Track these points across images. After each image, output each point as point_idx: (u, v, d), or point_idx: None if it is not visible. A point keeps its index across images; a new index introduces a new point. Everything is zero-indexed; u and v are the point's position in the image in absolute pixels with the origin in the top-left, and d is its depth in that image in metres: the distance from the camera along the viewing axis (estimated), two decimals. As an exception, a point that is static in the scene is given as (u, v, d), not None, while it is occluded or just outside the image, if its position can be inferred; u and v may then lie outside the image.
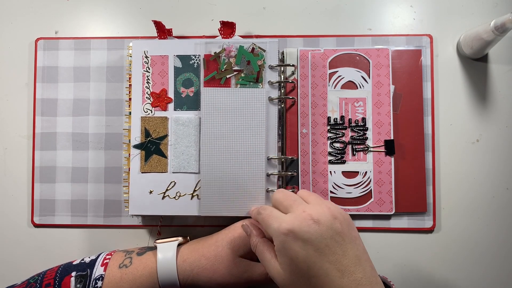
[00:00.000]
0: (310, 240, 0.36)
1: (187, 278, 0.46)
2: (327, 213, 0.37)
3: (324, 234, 0.36)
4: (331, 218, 0.37)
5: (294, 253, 0.36)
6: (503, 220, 0.55)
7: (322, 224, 0.36)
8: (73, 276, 0.45)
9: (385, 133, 0.54)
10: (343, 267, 0.35)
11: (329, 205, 0.39)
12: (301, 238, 0.36)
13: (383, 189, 0.53)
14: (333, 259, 0.36)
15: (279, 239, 0.37)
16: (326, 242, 0.36)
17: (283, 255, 0.37)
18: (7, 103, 0.57)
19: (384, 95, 0.54)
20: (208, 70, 0.52)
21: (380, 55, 0.54)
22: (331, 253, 0.36)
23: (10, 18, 0.58)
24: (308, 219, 0.37)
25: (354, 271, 0.35)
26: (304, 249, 0.36)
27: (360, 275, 0.35)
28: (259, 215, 0.41)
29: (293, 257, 0.36)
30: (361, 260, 0.36)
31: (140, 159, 0.52)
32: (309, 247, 0.36)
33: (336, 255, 0.36)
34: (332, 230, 0.36)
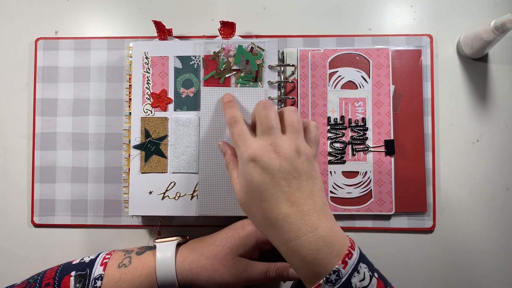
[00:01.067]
0: (268, 169, 0.38)
1: (186, 277, 0.46)
2: (292, 150, 0.39)
3: (283, 168, 0.38)
4: (295, 155, 0.39)
5: (251, 177, 0.39)
6: (503, 220, 0.55)
7: (283, 159, 0.39)
8: (72, 275, 0.45)
9: (385, 133, 0.54)
10: (294, 198, 0.38)
11: (299, 142, 0.40)
12: (261, 166, 0.39)
13: (383, 189, 0.53)
14: (286, 190, 0.38)
15: (242, 161, 0.40)
16: (282, 175, 0.38)
17: (242, 175, 0.40)
18: (7, 103, 0.57)
19: (384, 95, 0.54)
20: (207, 70, 0.52)
21: (380, 55, 0.54)
22: (285, 184, 0.38)
23: (10, 18, 0.58)
24: (271, 152, 0.39)
25: (304, 203, 0.38)
26: (261, 175, 0.38)
27: (308, 207, 0.38)
28: (230, 128, 0.44)
29: (249, 180, 0.39)
30: (314, 195, 0.39)
31: (140, 160, 0.52)
32: (266, 175, 0.38)
33: (290, 187, 0.38)
34: (292, 166, 0.39)
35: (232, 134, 0.43)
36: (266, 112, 0.42)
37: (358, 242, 0.55)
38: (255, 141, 0.41)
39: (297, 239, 0.37)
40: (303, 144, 0.41)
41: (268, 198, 0.38)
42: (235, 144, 0.42)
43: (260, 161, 0.39)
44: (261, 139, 0.41)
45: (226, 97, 0.48)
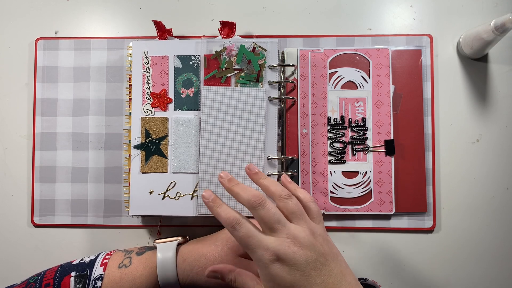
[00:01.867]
0: (296, 265, 0.36)
1: (186, 277, 0.46)
2: (309, 235, 0.38)
3: (309, 258, 0.37)
4: (313, 239, 0.38)
5: (280, 279, 0.36)
6: (503, 220, 0.55)
7: (306, 249, 0.37)
8: (72, 276, 0.45)
9: (385, 133, 0.54)
10: (329, 286, 0.36)
11: (309, 224, 0.39)
12: (288, 264, 0.36)
13: (383, 189, 0.53)
14: (319, 281, 0.36)
15: (264, 266, 0.37)
16: (311, 266, 0.37)
17: (269, 280, 0.37)
18: (7, 103, 0.57)
19: (384, 95, 0.54)
20: (208, 69, 0.52)
21: (380, 55, 0.54)
22: (317, 275, 0.36)
23: (10, 18, 0.58)
24: (292, 246, 0.37)
25: (340, 287, 0.36)
26: (291, 274, 0.36)
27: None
28: (234, 231, 0.39)
29: (280, 282, 0.37)
30: (345, 275, 0.37)
31: (140, 160, 0.52)
32: (296, 272, 0.36)
33: (322, 276, 0.36)
34: (316, 253, 0.37)
35: (239, 238, 0.39)
36: (264, 209, 0.39)
37: (358, 242, 0.55)
38: (269, 239, 0.38)
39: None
40: (312, 225, 0.39)
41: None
42: (245, 247, 0.39)
43: (285, 259, 0.36)
44: (274, 236, 0.38)
45: (206, 195, 0.42)
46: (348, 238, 0.55)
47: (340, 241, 0.55)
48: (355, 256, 0.55)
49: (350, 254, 0.55)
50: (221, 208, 0.41)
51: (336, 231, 0.55)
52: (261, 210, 0.39)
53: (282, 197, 0.41)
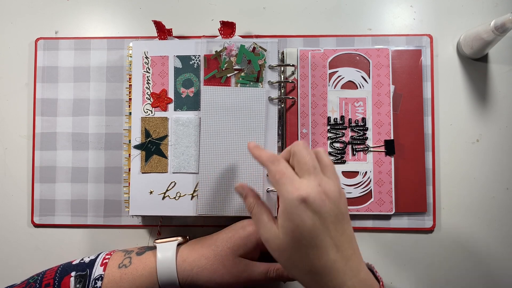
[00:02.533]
0: (320, 213, 0.37)
1: (186, 277, 0.46)
2: (337, 192, 0.38)
3: (332, 211, 0.37)
4: (339, 197, 0.38)
5: (301, 221, 0.37)
6: (503, 220, 0.55)
7: (332, 202, 0.37)
8: (72, 276, 0.45)
9: (385, 133, 0.54)
10: (339, 243, 0.37)
11: (338, 182, 0.40)
12: (313, 209, 0.37)
13: (383, 189, 0.53)
14: (334, 235, 0.37)
15: (289, 203, 0.37)
16: (332, 219, 0.37)
17: (288, 219, 0.37)
18: (7, 103, 0.57)
19: (384, 95, 0.54)
20: (208, 69, 0.52)
21: (380, 55, 0.54)
22: (334, 229, 0.37)
23: (10, 18, 0.58)
24: (322, 194, 0.37)
25: (347, 248, 0.37)
26: (313, 219, 0.37)
27: (351, 251, 0.38)
28: (271, 165, 0.40)
29: (299, 224, 0.37)
30: (352, 239, 0.39)
31: (140, 160, 0.52)
32: (317, 219, 0.37)
33: (336, 231, 0.37)
34: (338, 209, 0.38)
35: (273, 173, 0.39)
36: (306, 151, 0.40)
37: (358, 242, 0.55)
38: (302, 182, 0.38)
39: (343, 285, 0.36)
40: (340, 186, 0.40)
41: (318, 245, 0.36)
42: (276, 183, 0.39)
43: (313, 204, 0.36)
44: (307, 180, 0.38)
45: (252, 144, 0.44)
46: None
47: (340, 241, 0.55)
48: (355, 256, 0.55)
49: (350, 254, 0.55)
50: (263, 150, 0.43)
51: (336, 231, 0.55)
52: (302, 151, 0.40)
53: (324, 151, 0.42)
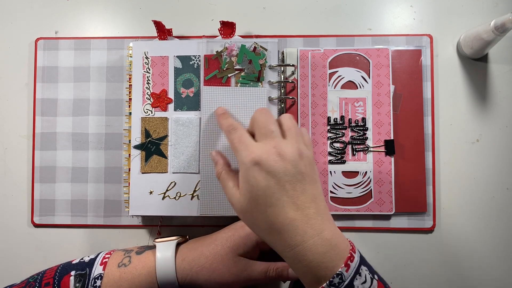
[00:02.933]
0: (273, 173, 0.38)
1: (185, 276, 0.46)
2: (295, 153, 0.39)
3: (288, 171, 0.38)
4: (298, 158, 0.39)
5: (255, 182, 0.38)
6: (503, 220, 0.55)
7: (288, 162, 0.38)
8: (72, 275, 0.45)
9: (385, 133, 0.54)
10: (299, 202, 0.38)
11: (300, 145, 0.40)
12: (266, 170, 0.38)
13: (383, 189, 0.53)
14: (291, 194, 0.38)
15: (244, 166, 0.39)
16: (288, 178, 0.38)
17: (245, 181, 0.39)
18: (7, 103, 0.57)
19: (384, 95, 0.54)
20: (209, 69, 0.52)
21: (380, 55, 0.54)
22: (291, 188, 0.38)
23: (10, 18, 0.58)
24: (275, 155, 0.38)
25: (308, 207, 0.38)
26: (266, 179, 0.38)
27: (313, 210, 0.38)
28: (229, 134, 0.42)
29: (254, 185, 0.38)
30: (317, 199, 0.39)
31: (140, 160, 0.52)
32: (271, 179, 0.38)
33: (295, 191, 0.38)
34: (296, 169, 0.38)
35: (231, 141, 0.42)
36: (265, 116, 0.41)
37: (358, 242, 0.55)
38: (257, 145, 0.40)
39: (303, 243, 0.36)
40: (304, 147, 0.40)
41: (274, 203, 0.37)
42: (235, 150, 0.41)
43: (265, 165, 0.38)
44: (263, 143, 0.40)
45: (220, 110, 0.48)
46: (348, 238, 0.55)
47: (340, 241, 0.55)
48: (355, 256, 0.55)
49: (350, 254, 0.55)
50: (226, 119, 0.45)
51: (336, 231, 0.55)
52: (260, 116, 0.42)
53: (288, 116, 0.43)
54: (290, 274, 0.47)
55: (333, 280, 0.36)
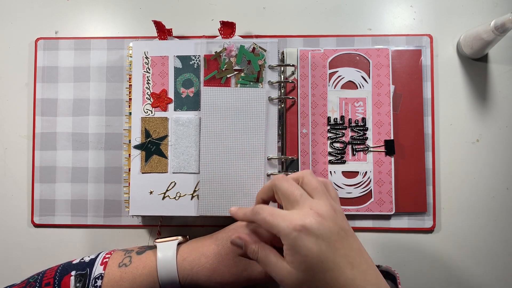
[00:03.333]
0: (322, 235, 0.36)
1: (186, 277, 0.46)
2: (331, 210, 0.38)
3: (333, 229, 0.37)
4: (334, 214, 0.38)
5: (307, 250, 0.36)
6: (503, 220, 0.55)
7: (329, 221, 0.37)
8: (72, 275, 0.45)
9: (385, 133, 0.54)
10: (351, 259, 0.37)
11: (330, 201, 0.40)
12: (314, 234, 0.36)
13: (383, 189, 0.53)
14: (343, 253, 0.37)
15: (291, 237, 0.37)
16: (335, 237, 0.37)
17: (294, 253, 0.37)
18: (7, 103, 0.57)
19: (384, 95, 0.54)
20: (208, 70, 0.52)
21: (380, 55, 0.54)
22: (341, 247, 0.37)
23: (10, 18, 0.58)
24: (315, 216, 0.37)
25: (360, 262, 0.37)
26: (317, 244, 0.36)
27: (365, 266, 0.37)
28: (257, 215, 0.40)
29: (307, 254, 0.36)
30: (362, 252, 0.38)
31: (140, 160, 0.52)
32: (322, 243, 0.36)
33: (344, 249, 0.37)
34: (338, 226, 0.37)
35: (263, 220, 0.39)
36: (288, 183, 0.40)
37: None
38: (293, 213, 0.38)
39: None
40: (333, 202, 0.40)
41: (332, 267, 0.36)
42: (270, 227, 0.39)
43: (311, 228, 0.36)
44: (297, 209, 0.38)
45: (232, 210, 0.45)
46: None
47: (340, 241, 0.55)
48: (355, 256, 0.55)
49: (350, 254, 0.55)
50: (242, 211, 0.43)
51: (336, 231, 0.55)
52: (284, 184, 0.40)
53: (309, 173, 0.42)
54: None
55: None
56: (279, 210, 0.39)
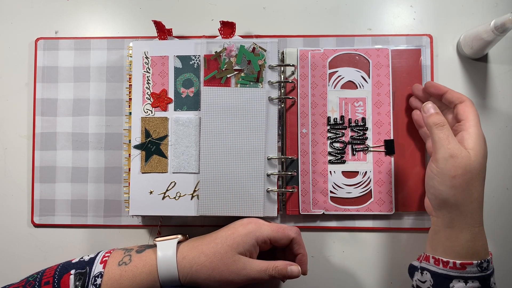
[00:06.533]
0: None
1: (186, 275, 0.46)
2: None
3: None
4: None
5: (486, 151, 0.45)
6: (503, 220, 0.55)
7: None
8: (72, 274, 0.45)
9: (385, 133, 0.54)
10: (475, 199, 0.44)
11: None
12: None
13: (383, 189, 0.53)
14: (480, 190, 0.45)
15: (480, 133, 0.45)
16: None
17: (483, 145, 0.45)
18: (7, 103, 0.57)
19: (384, 95, 0.54)
20: (208, 70, 0.52)
21: (380, 55, 0.54)
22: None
23: (10, 18, 0.58)
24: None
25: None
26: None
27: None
28: (438, 130, 0.45)
29: (486, 153, 0.45)
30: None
31: (140, 160, 0.52)
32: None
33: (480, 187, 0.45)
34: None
35: (439, 138, 0.45)
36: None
37: (358, 242, 0.55)
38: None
39: (482, 225, 0.44)
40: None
41: (483, 177, 0.45)
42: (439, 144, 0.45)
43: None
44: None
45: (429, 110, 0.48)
46: (348, 238, 0.55)
47: (340, 241, 0.55)
48: (355, 256, 0.55)
49: (350, 254, 0.55)
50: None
51: (336, 231, 0.55)
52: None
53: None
54: (289, 272, 0.47)
55: (482, 263, 0.43)
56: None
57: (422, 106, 0.47)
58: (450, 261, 0.44)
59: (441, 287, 0.44)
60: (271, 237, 0.47)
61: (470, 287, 0.43)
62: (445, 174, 0.43)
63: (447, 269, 0.44)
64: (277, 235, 0.47)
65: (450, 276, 0.43)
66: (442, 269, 0.44)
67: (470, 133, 0.45)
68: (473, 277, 0.43)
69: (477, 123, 0.46)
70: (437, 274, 0.44)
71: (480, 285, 0.43)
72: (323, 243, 0.55)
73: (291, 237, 0.48)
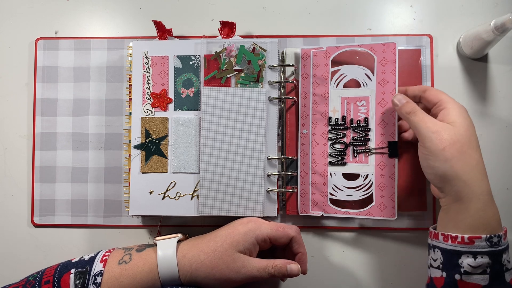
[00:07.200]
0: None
1: (186, 273, 0.46)
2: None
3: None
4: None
5: (471, 122, 0.46)
6: (503, 220, 0.54)
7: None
8: (72, 273, 0.45)
9: (389, 134, 0.52)
10: (476, 168, 0.45)
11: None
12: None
13: (385, 193, 0.52)
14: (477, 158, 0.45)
15: (460, 107, 0.47)
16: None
17: (465, 116, 0.46)
18: (7, 103, 0.57)
19: (389, 93, 0.52)
20: (208, 70, 0.52)
21: (386, 50, 0.52)
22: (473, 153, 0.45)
23: (10, 18, 0.58)
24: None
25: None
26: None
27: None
28: (411, 116, 0.47)
29: (471, 123, 0.46)
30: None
31: (140, 160, 0.52)
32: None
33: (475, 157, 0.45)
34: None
35: (415, 122, 0.46)
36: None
37: (357, 242, 0.55)
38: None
39: (490, 194, 0.44)
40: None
41: (476, 146, 0.45)
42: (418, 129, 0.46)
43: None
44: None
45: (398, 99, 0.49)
46: (348, 238, 0.55)
47: (340, 241, 0.55)
48: (355, 256, 0.55)
49: (350, 254, 0.55)
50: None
51: (336, 231, 0.55)
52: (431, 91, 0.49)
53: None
54: (289, 271, 0.47)
55: (492, 238, 0.42)
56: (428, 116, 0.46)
57: (392, 100, 0.49)
58: (458, 236, 0.43)
59: (451, 264, 0.43)
60: (270, 236, 0.47)
61: (479, 262, 0.41)
62: (435, 150, 0.43)
63: (456, 245, 0.43)
64: (276, 233, 0.47)
65: (458, 251, 0.42)
66: (451, 245, 0.43)
67: (448, 108, 0.46)
68: (483, 252, 0.41)
69: (450, 98, 0.47)
70: (446, 251, 0.44)
71: (490, 260, 0.41)
72: (323, 243, 0.55)
73: (291, 236, 0.48)
